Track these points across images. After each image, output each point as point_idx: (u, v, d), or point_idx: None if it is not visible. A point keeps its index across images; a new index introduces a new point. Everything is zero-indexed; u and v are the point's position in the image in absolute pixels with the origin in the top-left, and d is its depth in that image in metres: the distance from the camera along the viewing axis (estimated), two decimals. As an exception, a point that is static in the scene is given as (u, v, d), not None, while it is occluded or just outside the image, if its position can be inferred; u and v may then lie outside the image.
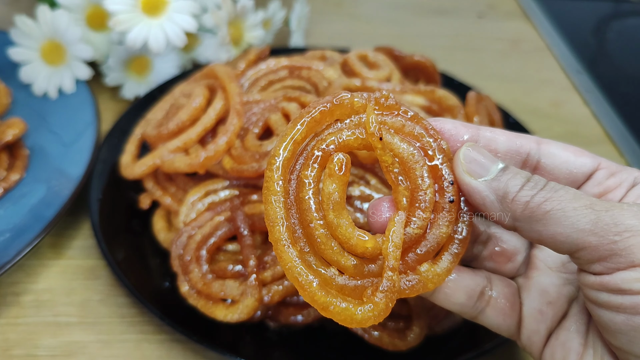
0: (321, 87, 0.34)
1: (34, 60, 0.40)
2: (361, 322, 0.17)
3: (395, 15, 0.62)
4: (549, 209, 0.16)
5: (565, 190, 0.17)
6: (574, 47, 0.57)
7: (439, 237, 0.18)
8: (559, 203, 0.16)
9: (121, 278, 0.28)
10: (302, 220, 0.18)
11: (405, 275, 0.18)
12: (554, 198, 0.17)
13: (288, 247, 0.17)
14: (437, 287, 0.20)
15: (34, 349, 0.28)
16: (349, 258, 0.18)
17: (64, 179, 0.33)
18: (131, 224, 0.33)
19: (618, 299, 0.16)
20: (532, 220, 0.17)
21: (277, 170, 0.17)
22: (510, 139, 0.20)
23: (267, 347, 0.27)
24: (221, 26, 0.40)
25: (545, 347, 0.20)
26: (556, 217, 0.16)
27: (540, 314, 0.20)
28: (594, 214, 0.16)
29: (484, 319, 0.21)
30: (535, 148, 0.20)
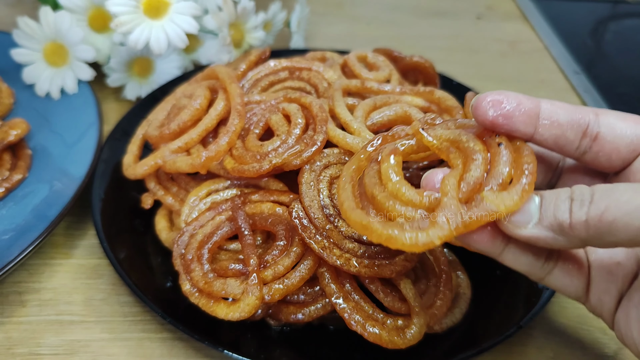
0: (321, 88, 0.34)
1: (37, 61, 0.40)
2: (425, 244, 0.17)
3: (395, 17, 0.62)
4: (611, 219, 0.16)
5: (618, 191, 0.16)
6: (571, 48, 0.57)
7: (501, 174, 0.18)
8: (619, 208, 0.16)
9: (123, 277, 0.28)
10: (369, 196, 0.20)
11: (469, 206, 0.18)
12: (611, 205, 0.16)
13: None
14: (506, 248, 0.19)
15: (37, 347, 0.28)
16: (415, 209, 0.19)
17: (66, 179, 0.33)
18: (133, 223, 0.33)
19: None
20: (601, 235, 0.16)
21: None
22: (569, 111, 0.19)
23: (268, 345, 0.28)
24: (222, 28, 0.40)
25: (618, 310, 0.19)
26: (624, 222, 0.16)
27: (609, 274, 0.19)
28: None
29: (550, 279, 0.20)
30: (594, 119, 0.19)
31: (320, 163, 0.29)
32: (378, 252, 0.27)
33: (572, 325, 0.31)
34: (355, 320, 0.26)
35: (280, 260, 0.27)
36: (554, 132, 0.19)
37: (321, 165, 0.29)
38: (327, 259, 0.26)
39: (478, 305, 0.30)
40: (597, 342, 0.30)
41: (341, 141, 0.29)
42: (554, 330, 0.31)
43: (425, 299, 0.28)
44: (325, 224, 0.27)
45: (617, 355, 0.30)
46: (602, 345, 0.30)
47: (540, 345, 0.30)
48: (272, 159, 0.28)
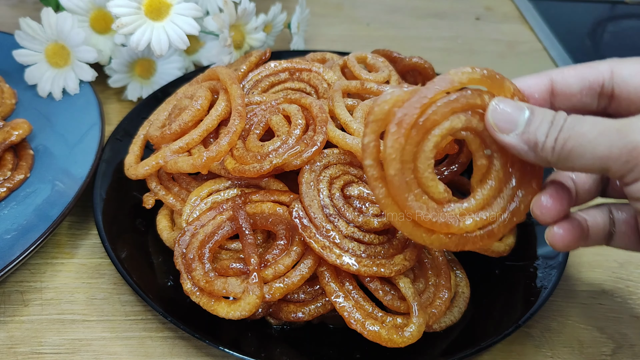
0: (321, 89, 0.34)
1: (39, 62, 0.40)
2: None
3: (394, 18, 0.62)
4: (570, 147, 0.18)
5: (581, 123, 0.18)
6: (570, 49, 0.57)
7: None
8: (577, 139, 0.18)
9: (125, 276, 0.28)
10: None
11: None
12: (572, 136, 0.18)
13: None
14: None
15: (39, 346, 0.28)
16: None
17: (68, 179, 0.34)
18: (135, 223, 0.33)
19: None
20: (562, 160, 0.19)
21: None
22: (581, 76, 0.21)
23: (269, 343, 0.28)
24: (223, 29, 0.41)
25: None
26: (578, 152, 0.18)
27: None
28: (606, 140, 0.18)
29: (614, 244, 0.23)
30: (608, 78, 0.21)
31: (320, 163, 0.29)
32: (378, 252, 0.27)
33: (570, 324, 0.31)
34: (354, 318, 0.26)
35: (281, 260, 0.27)
36: (571, 101, 0.21)
37: (321, 165, 0.29)
38: (327, 259, 0.26)
39: (477, 304, 0.30)
40: (595, 341, 0.31)
41: (341, 142, 0.29)
42: (552, 329, 0.31)
43: (424, 298, 0.28)
44: (325, 223, 0.27)
45: (614, 354, 0.30)
46: (600, 344, 0.30)
47: (538, 344, 0.30)
48: (272, 159, 0.29)
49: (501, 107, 0.20)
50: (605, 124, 0.18)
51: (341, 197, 0.28)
